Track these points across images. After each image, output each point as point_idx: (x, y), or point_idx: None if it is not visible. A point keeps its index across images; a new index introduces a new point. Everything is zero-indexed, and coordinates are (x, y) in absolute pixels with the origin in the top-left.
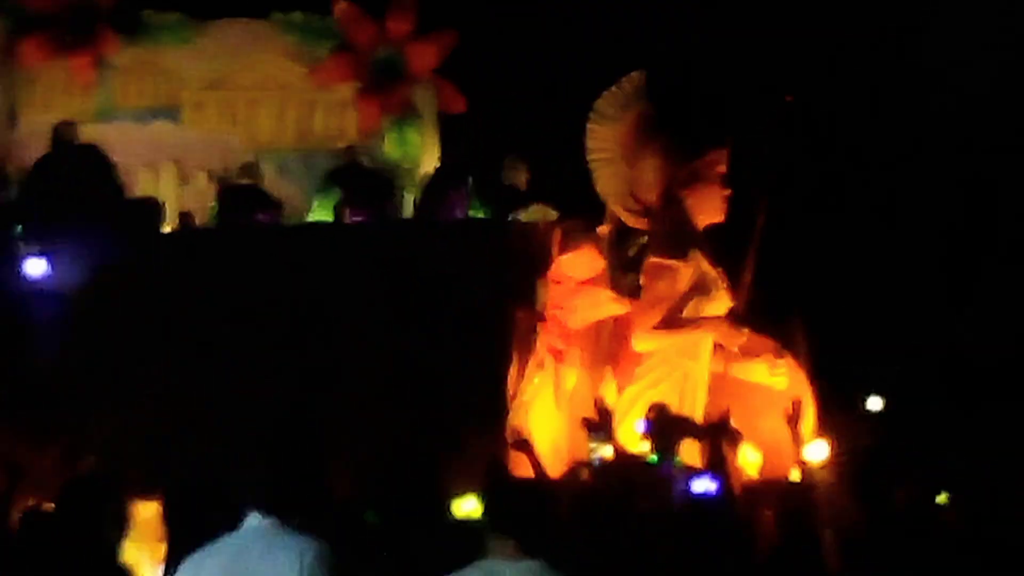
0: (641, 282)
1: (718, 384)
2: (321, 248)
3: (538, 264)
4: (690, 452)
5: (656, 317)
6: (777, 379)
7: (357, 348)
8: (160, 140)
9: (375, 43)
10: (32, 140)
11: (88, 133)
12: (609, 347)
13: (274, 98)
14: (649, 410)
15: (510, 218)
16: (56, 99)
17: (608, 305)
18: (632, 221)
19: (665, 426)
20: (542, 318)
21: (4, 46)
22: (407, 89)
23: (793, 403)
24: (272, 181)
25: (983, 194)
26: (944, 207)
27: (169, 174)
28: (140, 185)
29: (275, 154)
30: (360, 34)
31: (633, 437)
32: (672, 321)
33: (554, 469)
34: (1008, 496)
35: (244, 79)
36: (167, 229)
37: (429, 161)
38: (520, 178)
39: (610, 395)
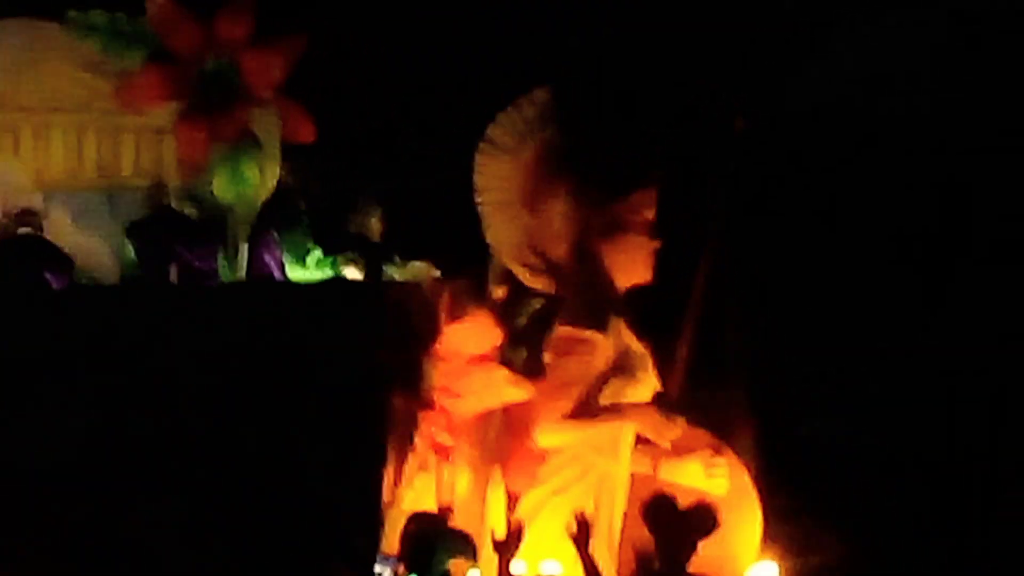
0: (545, 359)
1: (642, 489)
2: (131, 315)
3: (420, 336)
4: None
5: (566, 404)
6: (715, 482)
7: (176, 448)
8: None
9: (201, 52)
10: None
11: None
12: (499, 440)
13: (69, 122)
14: (408, 521)
15: (382, 277)
16: None
17: (504, 389)
18: (532, 280)
19: (426, 541)
20: (427, 405)
21: None
22: (243, 111)
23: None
24: (65, 228)
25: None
26: (902, 216)
27: None
28: None
29: (70, 194)
30: (181, 40)
31: (535, 555)
32: (586, 410)
33: None
34: None
35: (30, 97)
36: None
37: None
38: (372, 226)
39: (497, 503)
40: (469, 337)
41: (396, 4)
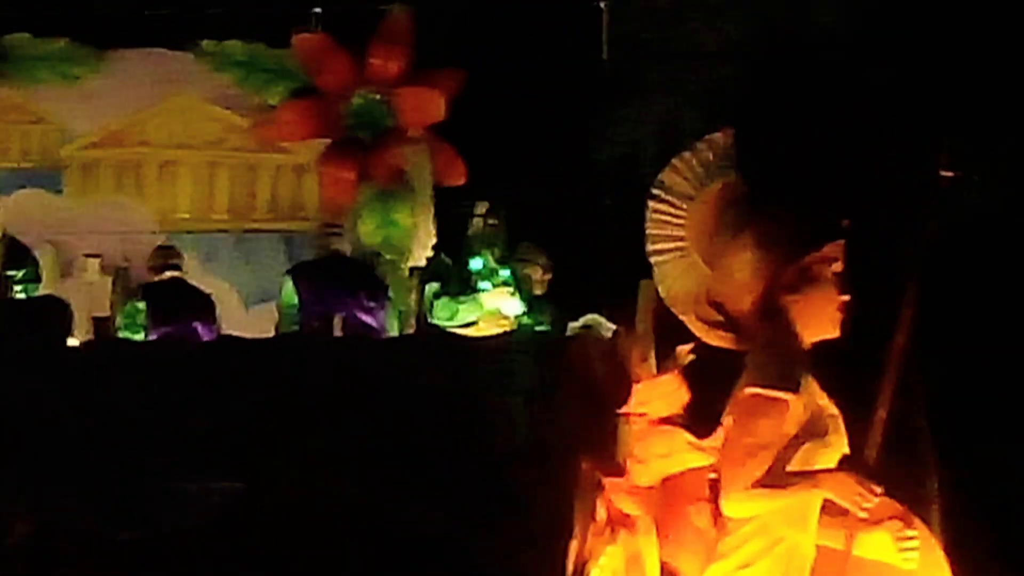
0: (727, 421)
1: (831, 565)
2: (285, 369)
3: (610, 395)
4: None
5: (755, 471)
6: (906, 555)
7: (340, 515)
8: (31, 215)
9: (350, 86)
10: None
11: None
12: (672, 508)
13: (198, 159)
14: None
15: (568, 331)
16: None
17: (687, 454)
18: (709, 336)
19: None
20: (617, 471)
21: None
22: (394, 150)
23: None
24: (193, 272)
25: None
26: None
27: (46, 262)
28: None
29: (199, 236)
30: (330, 74)
31: None
32: (778, 477)
33: None
34: None
35: (155, 133)
36: (75, 341)
37: (420, 250)
38: (536, 274)
39: None
40: (655, 397)
41: (554, 48)
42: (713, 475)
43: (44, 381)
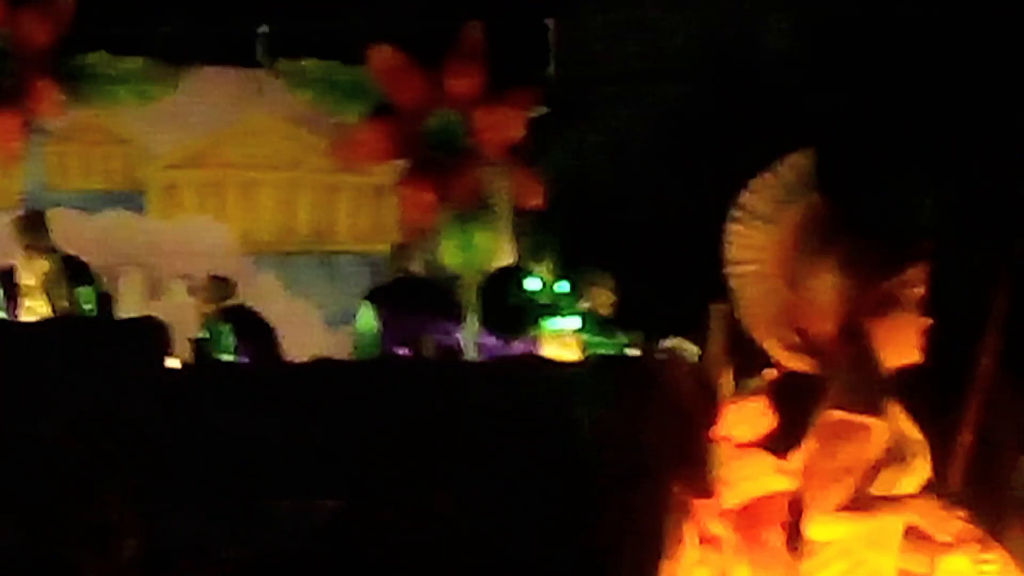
0: (809, 445)
1: None
2: (363, 392)
3: (698, 418)
4: None
5: (840, 494)
6: None
7: (433, 537)
8: (116, 236)
9: (428, 105)
10: None
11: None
12: (752, 530)
13: (280, 180)
14: None
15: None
16: None
17: (770, 477)
18: (789, 360)
19: None
20: (706, 493)
21: None
22: (474, 172)
23: None
24: (275, 293)
25: None
26: None
27: (132, 283)
28: None
29: (281, 258)
30: (407, 92)
31: None
32: (862, 501)
33: None
34: None
35: (235, 153)
36: (174, 363)
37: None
38: (603, 299)
39: None
40: (742, 421)
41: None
42: (793, 499)
43: (147, 401)
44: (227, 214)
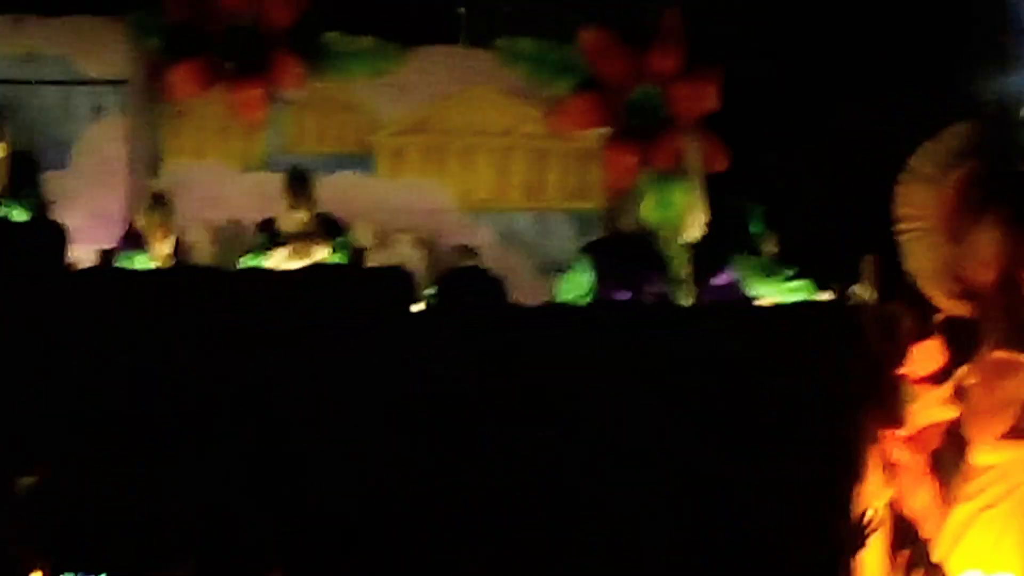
0: (971, 381)
1: None
2: (577, 336)
3: (890, 358)
4: None
5: (1001, 425)
6: None
7: (621, 466)
8: (348, 195)
9: (630, 80)
10: (178, 190)
11: (252, 183)
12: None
13: (495, 145)
14: None
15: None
16: (209, 141)
17: (937, 408)
18: (949, 306)
19: None
20: (898, 424)
21: (149, 74)
22: (673, 139)
23: None
24: (493, 248)
25: None
26: None
27: (363, 237)
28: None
29: (497, 215)
30: (612, 68)
31: (964, 568)
32: (1020, 431)
33: None
34: None
35: (456, 121)
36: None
37: (691, 230)
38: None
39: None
40: (921, 359)
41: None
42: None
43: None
44: (448, 176)
